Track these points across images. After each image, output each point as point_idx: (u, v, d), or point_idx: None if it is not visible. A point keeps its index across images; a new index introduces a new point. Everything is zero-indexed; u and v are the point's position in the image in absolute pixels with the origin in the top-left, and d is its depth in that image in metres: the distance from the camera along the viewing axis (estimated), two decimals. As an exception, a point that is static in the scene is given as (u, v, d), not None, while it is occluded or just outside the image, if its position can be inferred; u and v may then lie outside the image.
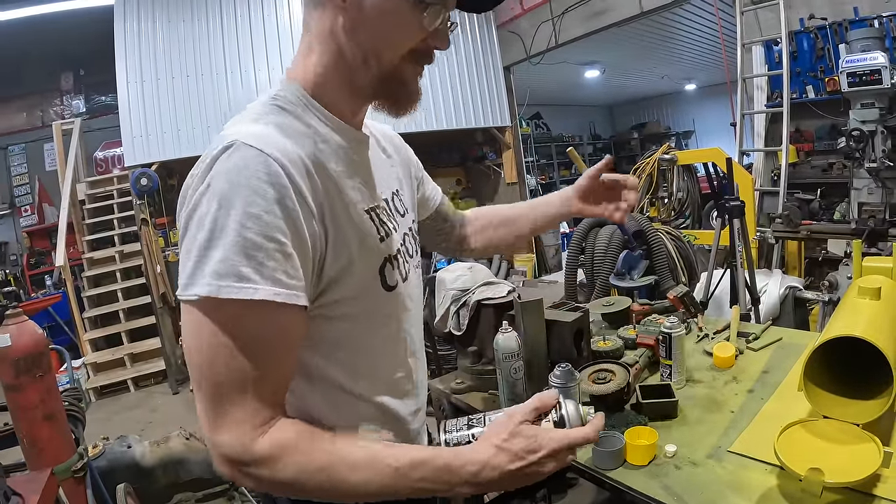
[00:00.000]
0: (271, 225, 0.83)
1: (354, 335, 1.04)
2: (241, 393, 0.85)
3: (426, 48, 1.02)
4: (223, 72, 6.87)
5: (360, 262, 0.98)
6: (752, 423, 1.60)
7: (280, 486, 0.89)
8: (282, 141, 0.89)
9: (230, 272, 0.81)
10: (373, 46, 0.97)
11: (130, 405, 6.19)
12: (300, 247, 0.87)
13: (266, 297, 0.82)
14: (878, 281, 1.68)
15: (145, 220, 6.61)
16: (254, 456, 0.84)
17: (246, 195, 0.82)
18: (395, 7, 0.94)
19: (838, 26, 4.59)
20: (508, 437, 0.92)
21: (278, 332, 0.87)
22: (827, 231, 4.21)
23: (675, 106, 16.71)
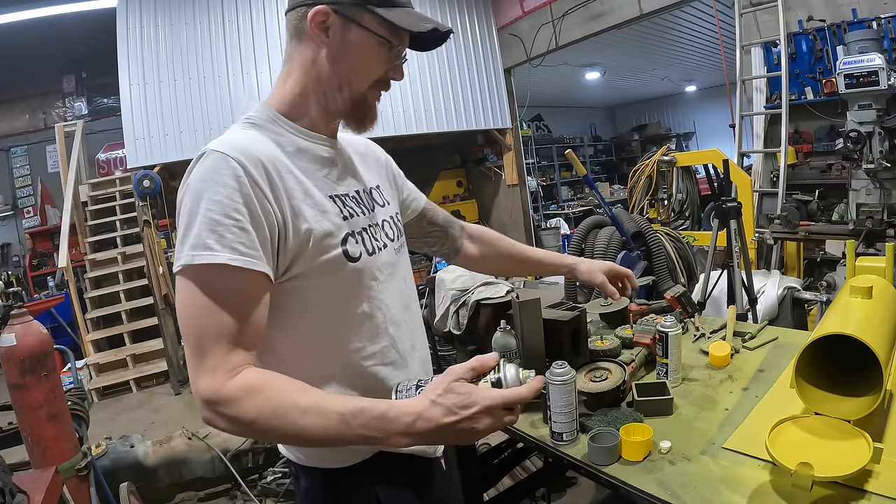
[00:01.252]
0: (229, 207, 1.04)
1: (325, 302, 1.20)
2: (214, 343, 1.03)
3: (386, 78, 1.26)
4: (225, 74, 6.90)
5: (320, 236, 1.16)
6: (746, 420, 1.63)
7: (244, 425, 1.02)
8: (244, 146, 1.11)
9: (200, 244, 1.02)
10: (347, 76, 1.21)
11: (133, 406, 6.21)
12: (256, 225, 1.07)
13: (225, 261, 1.02)
14: (870, 280, 1.70)
15: (147, 221, 6.63)
16: (222, 396, 1.00)
17: (211, 187, 1.05)
18: (368, 45, 1.19)
19: (837, 28, 4.60)
20: (443, 392, 1.01)
21: (240, 291, 1.06)
22: (825, 232, 4.22)
23: (675, 107, 16.73)
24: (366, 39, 1.19)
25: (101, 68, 8.71)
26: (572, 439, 1.61)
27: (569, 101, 15.46)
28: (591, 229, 4.30)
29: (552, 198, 14.12)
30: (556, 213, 12.40)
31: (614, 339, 2.20)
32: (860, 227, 3.72)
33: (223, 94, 6.88)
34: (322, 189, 1.22)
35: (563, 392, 1.56)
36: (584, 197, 13.97)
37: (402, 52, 1.25)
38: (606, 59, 10.53)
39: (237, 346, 1.04)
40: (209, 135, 6.71)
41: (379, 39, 1.19)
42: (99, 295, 7.32)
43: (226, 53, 6.91)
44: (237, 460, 3.65)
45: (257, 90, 7.02)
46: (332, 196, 1.23)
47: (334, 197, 1.24)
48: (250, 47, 7.02)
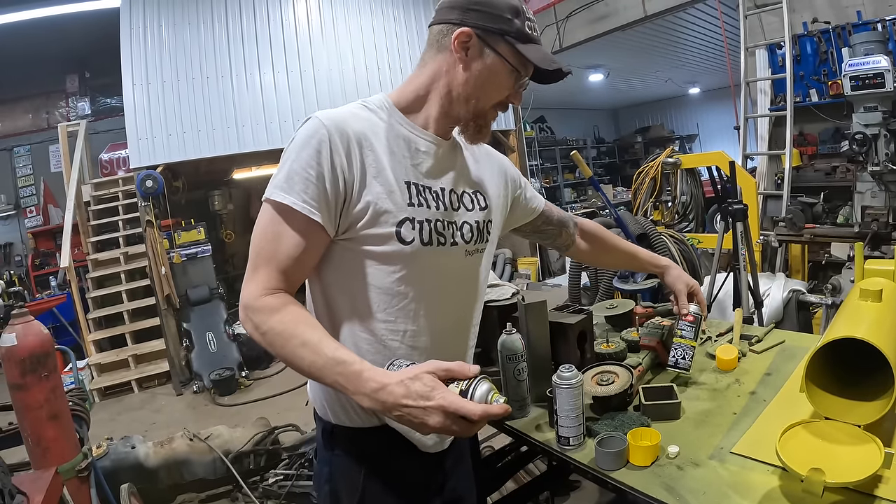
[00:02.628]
0: (308, 164, 1.23)
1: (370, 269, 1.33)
2: (265, 264, 1.25)
3: (507, 101, 1.42)
4: (229, 75, 6.89)
5: (378, 211, 1.28)
6: (755, 424, 1.61)
7: (260, 334, 1.22)
8: (341, 119, 1.28)
9: (278, 185, 1.24)
10: (476, 92, 1.35)
11: (134, 406, 6.20)
12: (326, 184, 1.24)
13: (290, 203, 1.22)
14: (879, 283, 1.68)
15: (150, 221, 6.60)
16: (255, 305, 1.22)
17: (300, 145, 1.25)
18: (499, 71, 1.34)
19: (841, 30, 4.58)
20: (413, 377, 1.10)
21: (296, 231, 1.24)
22: (830, 234, 4.20)
23: (679, 109, 16.72)
24: (499, 65, 1.33)
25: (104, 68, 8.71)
26: (579, 443, 1.59)
27: (572, 103, 15.46)
28: (595, 231, 4.27)
29: (556, 200, 14.10)
30: (559, 214, 12.33)
31: (620, 342, 2.19)
32: (865, 229, 3.70)
33: (226, 94, 6.87)
34: (400, 174, 1.33)
35: (569, 396, 1.54)
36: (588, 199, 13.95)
37: (526, 81, 1.40)
38: (610, 60, 10.52)
39: (279, 272, 1.24)
40: (212, 135, 6.71)
41: (510, 68, 1.33)
42: (101, 295, 7.32)
43: (229, 54, 6.90)
44: (238, 462, 3.64)
45: (261, 91, 7.01)
46: (408, 182, 1.34)
47: (410, 184, 1.34)
48: (254, 48, 7.01)
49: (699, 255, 4.74)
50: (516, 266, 9.43)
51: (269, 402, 5.79)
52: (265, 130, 7.00)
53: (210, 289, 6.95)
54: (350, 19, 7.62)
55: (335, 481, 1.44)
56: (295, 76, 7.22)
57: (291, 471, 3.62)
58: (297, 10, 7.28)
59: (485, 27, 1.31)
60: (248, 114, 6.94)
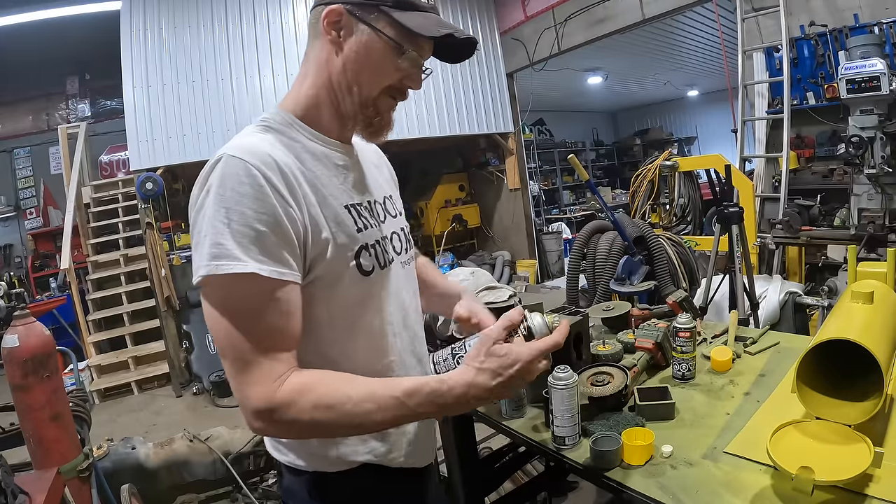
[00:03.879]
0: (253, 217, 1.03)
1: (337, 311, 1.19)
2: (257, 355, 1.04)
3: (401, 86, 1.22)
4: (229, 77, 6.91)
5: (336, 246, 1.15)
6: (748, 424, 1.63)
7: (304, 426, 1.05)
8: (263, 151, 1.09)
9: (223, 254, 1.01)
10: (356, 78, 1.18)
11: (134, 407, 6.22)
12: (282, 233, 1.06)
13: (253, 269, 1.02)
14: (871, 286, 1.70)
15: (150, 223, 6.63)
16: (277, 403, 1.02)
17: (232, 196, 1.03)
18: (378, 48, 1.16)
19: (838, 33, 4.60)
20: (485, 357, 1.08)
21: (272, 300, 1.05)
22: (827, 237, 4.21)
23: (677, 112, 16.74)
24: (376, 41, 1.15)
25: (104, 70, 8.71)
26: (574, 443, 1.62)
27: (571, 106, 15.47)
28: (594, 234, 4.30)
29: (554, 202, 14.12)
30: (558, 217, 12.38)
31: (616, 344, 2.21)
32: (862, 232, 3.71)
33: (226, 97, 6.89)
34: (338, 198, 1.20)
35: (565, 396, 1.56)
36: (586, 201, 13.98)
37: (419, 59, 1.20)
38: (609, 63, 10.54)
39: (278, 354, 1.06)
40: (212, 138, 6.73)
41: (390, 43, 1.15)
42: (101, 297, 7.34)
43: (229, 56, 6.92)
44: (238, 463, 3.65)
45: (260, 94, 7.03)
46: (347, 206, 1.21)
47: (349, 207, 1.22)
48: (254, 50, 7.03)
49: (696, 257, 4.76)
50: (515, 268, 9.45)
51: (269, 403, 5.80)
52: (266, 133, 7.01)
53: (210, 290, 6.96)
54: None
55: None
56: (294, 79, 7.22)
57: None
58: (297, 13, 7.30)
59: (355, 1, 1.15)
60: (247, 116, 6.94)
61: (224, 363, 1.06)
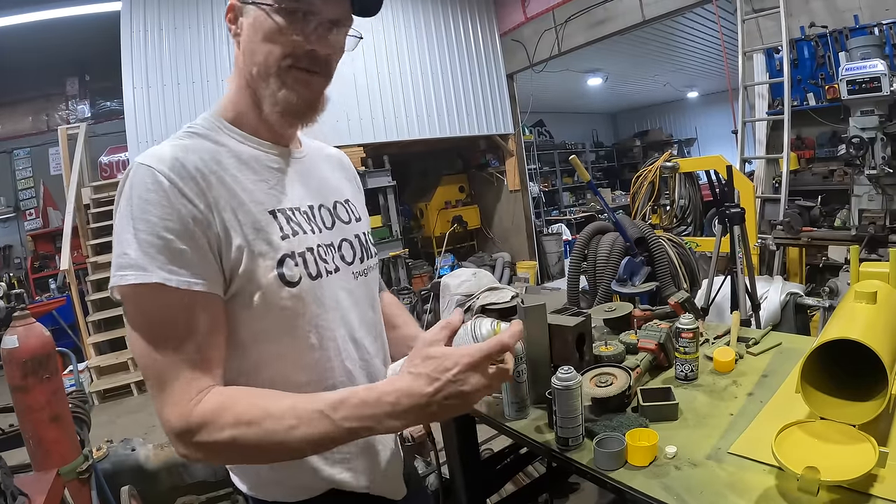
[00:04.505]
0: (159, 225, 0.97)
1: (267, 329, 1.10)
2: (172, 372, 0.97)
3: (304, 52, 1.11)
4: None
5: (251, 255, 1.06)
6: (751, 425, 1.62)
7: (223, 448, 0.96)
8: (174, 157, 1.03)
9: (127, 264, 0.97)
10: (254, 59, 1.11)
11: (133, 409, 6.21)
12: (190, 240, 1.00)
13: (158, 280, 0.96)
14: (874, 286, 1.70)
15: (150, 224, 6.63)
16: (193, 423, 0.94)
17: (138, 204, 0.98)
18: (265, 20, 1.08)
19: (838, 34, 4.61)
20: (419, 361, 0.97)
21: (184, 312, 0.99)
22: (828, 238, 4.22)
23: (677, 113, 16.77)
24: (261, 15, 1.08)
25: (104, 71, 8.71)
26: (578, 444, 1.61)
27: (571, 107, 15.50)
28: (594, 235, 4.29)
29: (554, 203, 14.13)
30: (557, 218, 12.40)
31: (619, 345, 2.20)
32: (863, 232, 3.72)
33: (226, 98, 6.89)
34: (262, 203, 1.12)
35: (568, 397, 1.56)
36: (586, 203, 14.00)
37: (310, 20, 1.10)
38: (609, 65, 10.56)
39: (196, 370, 0.99)
40: (211, 139, 6.73)
41: (272, 8, 1.07)
42: (100, 298, 7.33)
43: (229, 57, 6.87)
44: (239, 464, 3.64)
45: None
46: (273, 211, 1.13)
47: (276, 212, 1.13)
48: (254, 51, 7.03)
49: (697, 258, 4.75)
50: (515, 270, 9.45)
51: (269, 405, 5.80)
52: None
53: (209, 292, 6.96)
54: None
55: None
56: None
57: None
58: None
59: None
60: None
61: (147, 383, 1.01)
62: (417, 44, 8.05)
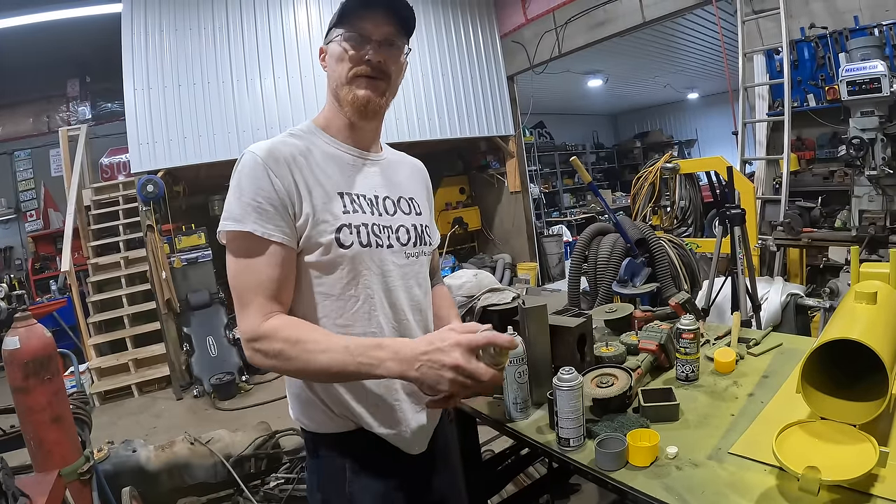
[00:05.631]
0: (254, 192, 1.34)
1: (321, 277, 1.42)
2: (251, 295, 1.32)
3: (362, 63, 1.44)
4: (230, 81, 6.91)
5: (317, 221, 1.39)
6: (752, 425, 1.63)
7: (274, 356, 1.28)
8: (271, 147, 1.39)
9: (230, 217, 1.34)
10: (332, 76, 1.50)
11: (134, 410, 6.21)
12: (275, 206, 1.34)
13: (249, 229, 1.32)
14: (874, 286, 1.70)
15: (151, 226, 6.62)
16: (258, 333, 1.29)
17: (244, 177, 1.36)
18: (334, 47, 1.46)
19: (839, 35, 4.60)
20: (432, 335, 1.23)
21: (265, 254, 1.34)
22: (828, 238, 4.21)
23: (677, 115, 16.77)
24: (333, 45, 1.47)
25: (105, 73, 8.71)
26: (579, 445, 1.61)
27: (571, 109, 15.51)
28: (595, 236, 4.30)
29: (555, 205, 14.14)
30: (558, 220, 12.40)
31: (619, 346, 2.20)
32: (863, 233, 3.71)
33: (227, 99, 6.89)
34: (335, 186, 1.45)
35: (570, 397, 1.56)
36: (587, 204, 14.00)
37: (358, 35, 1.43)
38: (609, 66, 10.56)
39: (268, 298, 1.32)
40: (213, 140, 6.75)
41: (336, 38, 1.44)
42: (101, 299, 7.34)
43: (230, 59, 6.92)
44: (239, 465, 3.65)
45: (261, 96, 7.05)
46: (341, 192, 1.45)
47: (343, 194, 1.46)
48: (254, 53, 7.04)
49: (698, 259, 4.76)
50: (516, 271, 9.45)
51: (270, 406, 5.80)
52: (266, 135, 6.94)
53: (210, 293, 6.96)
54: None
55: (324, 489, 1.51)
56: (295, 81, 7.24)
57: (292, 474, 3.63)
58: (298, 14, 7.32)
59: (327, 34, 1.50)
60: (248, 119, 6.97)
61: (234, 303, 1.35)
62: (418, 46, 8.04)
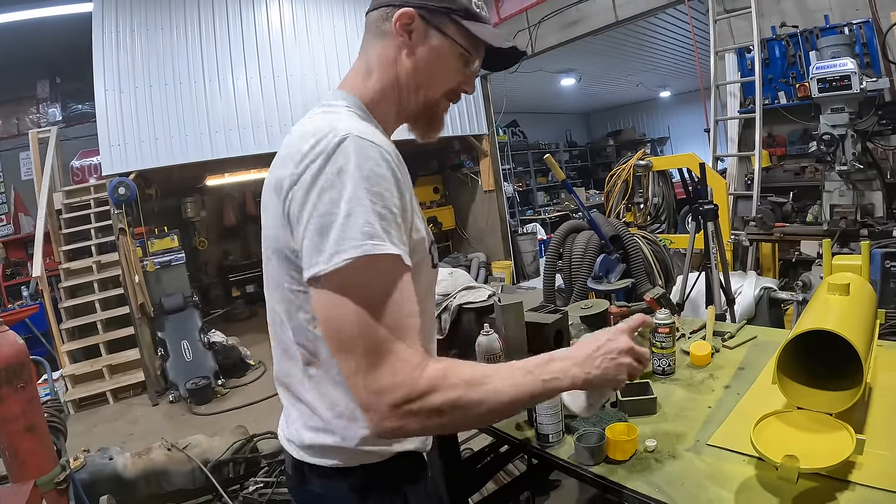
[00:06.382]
0: (389, 201, 1.01)
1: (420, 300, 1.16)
2: (398, 339, 0.99)
3: (459, 89, 1.27)
4: (202, 80, 6.83)
5: (419, 238, 1.15)
6: (729, 416, 1.65)
7: (446, 411, 0.99)
8: (380, 137, 1.08)
9: (373, 234, 0.97)
10: (425, 79, 1.22)
11: (110, 417, 6.12)
12: (402, 218, 1.05)
13: (395, 251, 0.99)
14: (846, 278, 1.73)
15: (123, 229, 6.54)
16: (418, 389, 0.97)
17: (371, 177, 1.00)
18: (448, 54, 1.21)
19: (809, 34, 4.69)
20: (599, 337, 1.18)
21: (405, 283, 1.03)
22: (800, 233, 4.28)
23: (649, 113, 16.91)
24: (447, 47, 1.20)
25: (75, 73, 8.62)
26: (559, 440, 1.62)
27: (544, 108, 15.56)
28: (569, 233, 4.33)
29: (528, 203, 14.19)
30: (532, 218, 12.45)
31: (596, 341, 2.22)
32: (834, 227, 3.78)
33: (199, 99, 6.81)
34: None
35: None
36: (561, 202, 14.08)
37: (477, 65, 1.27)
38: (582, 65, 10.60)
39: (414, 341, 1.01)
40: (185, 141, 6.67)
41: (459, 49, 1.21)
42: (74, 304, 7.22)
43: (202, 59, 6.84)
44: (218, 471, 3.62)
45: (233, 96, 6.98)
46: None
47: None
48: (226, 52, 6.97)
49: (672, 255, 4.81)
50: (490, 270, 9.47)
51: (246, 410, 5.76)
52: (238, 136, 6.96)
53: (184, 297, 6.90)
54: (323, 22, 7.63)
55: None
56: (268, 81, 7.19)
57: (271, 478, 3.61)
58: (271, 14, 7.27)
59: (428, 6, 1.18)
60: (220, 120, 6.89)
61: (347, 360, 1.00)
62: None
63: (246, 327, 9.17)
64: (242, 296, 10.47)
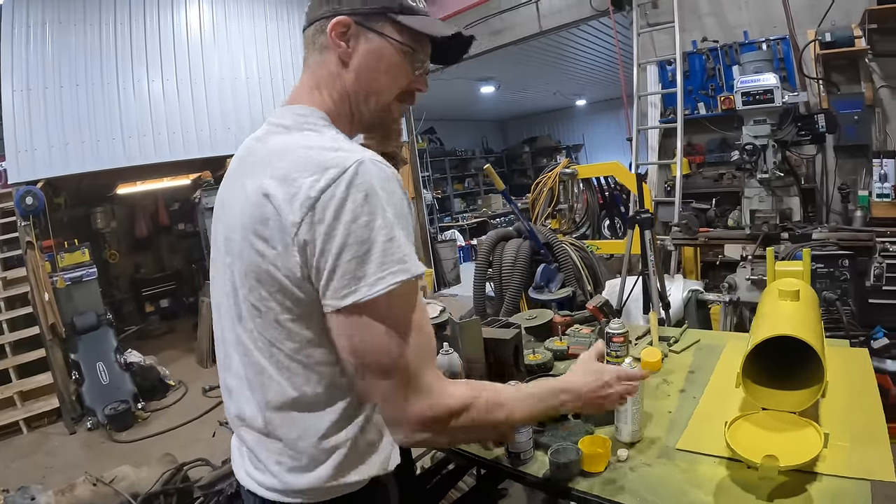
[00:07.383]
0: (409, 223, 1.05)
1: None
2: (425, 364, 1.05)
3: (410, 89, 1.24)
4: (115, 82, 6.48)
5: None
6: (692, 420, 1.70)
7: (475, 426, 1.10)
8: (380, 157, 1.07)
9: (407, 257, 1.00)
10: (372, 85, 1.19)
11: (26, 450, 5.65)
12: None
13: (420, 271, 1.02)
14: (795, 284, 1.82)
15: (31, 243, 6.13)
16: (450, 409, 1.05)
17: (394, 200, 1.02)
18: (390, 53, 1.17)
19: (729, 48, 4.95)
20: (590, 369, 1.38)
21: (421, 299, 1.07)
22: (724, 237, 4.45)
23: (565, 121, 17.27)
24: (387, 48, 1.17)
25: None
26: (530, 458, 1.61)
27: (462, 115, 15.68)
28: (498, 241, 4.37)
29: (446, 210, 14.30)
30: (450, 225, 12.55)
31: (546, 352, 2.24)
32: (757, 231, 3.96)
33: (112, 103, 6.46)
34: None
35: None
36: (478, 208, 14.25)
37: (425, 61, 1.23)
38: (501, 73, 10.71)
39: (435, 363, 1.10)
40: (97, 147, 6.31)
41: (401, 47, 1.17)
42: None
43: (116, 59, 6.48)
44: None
45: (148, 99, 6.68)
46: None
47: None
48: (142, 53, 6.64)
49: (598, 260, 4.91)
50: (415, 278, 9.45)
51: (171, 434, 5.47)
52: (153, 142, 6.65)
53: (97, 315, 6.55)
54: (243, 26, 7.39)
55: None
56: (185, 84, 6.91)
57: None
58: (190, 15, 6.99)
59: (361, 10, 1.16)
60: (134, 124, 6.56)
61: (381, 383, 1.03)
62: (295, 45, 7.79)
63: (162, 344, 8.73)
64: (157, 311, 9.94)
